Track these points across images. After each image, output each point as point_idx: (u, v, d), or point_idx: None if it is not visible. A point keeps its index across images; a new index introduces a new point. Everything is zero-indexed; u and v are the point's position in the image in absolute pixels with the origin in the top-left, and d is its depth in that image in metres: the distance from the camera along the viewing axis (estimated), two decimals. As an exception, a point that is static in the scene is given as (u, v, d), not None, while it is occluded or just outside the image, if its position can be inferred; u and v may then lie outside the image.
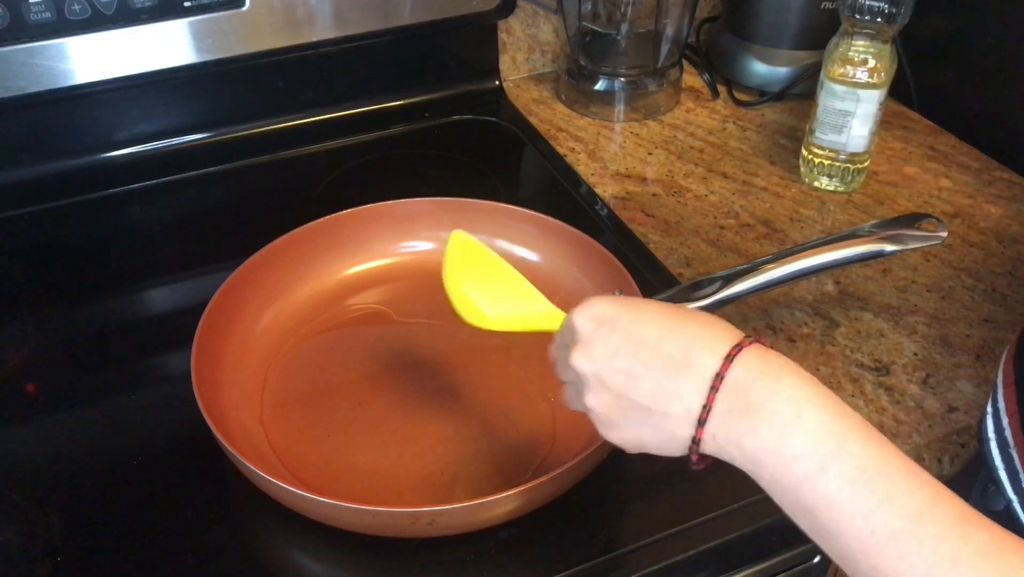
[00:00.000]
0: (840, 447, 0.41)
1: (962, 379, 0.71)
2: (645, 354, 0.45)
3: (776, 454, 0.42)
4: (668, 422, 0.45)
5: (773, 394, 0.42)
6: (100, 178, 0.91)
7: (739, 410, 0.43)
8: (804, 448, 0.41)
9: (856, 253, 0.68)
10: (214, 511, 0.61)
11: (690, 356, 0.44)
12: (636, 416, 0.46)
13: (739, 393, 0.43)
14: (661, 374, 0.45)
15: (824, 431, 0.41)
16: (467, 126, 1.02)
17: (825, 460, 0.41)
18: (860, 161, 0.88)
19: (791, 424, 0.42)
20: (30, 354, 0.75)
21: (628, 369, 0.46)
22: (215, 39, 0.85)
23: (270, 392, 0.68)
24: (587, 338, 0.48)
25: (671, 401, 0.45)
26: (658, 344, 0.45)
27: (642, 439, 0.47)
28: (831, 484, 0.40)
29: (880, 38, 0.82)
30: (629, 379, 0.46)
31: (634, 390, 0.46)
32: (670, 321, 0.46)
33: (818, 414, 0.42)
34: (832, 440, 0.41)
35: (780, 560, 0.65)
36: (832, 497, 0.40)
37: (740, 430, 0.43)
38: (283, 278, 0.74)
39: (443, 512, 0.54)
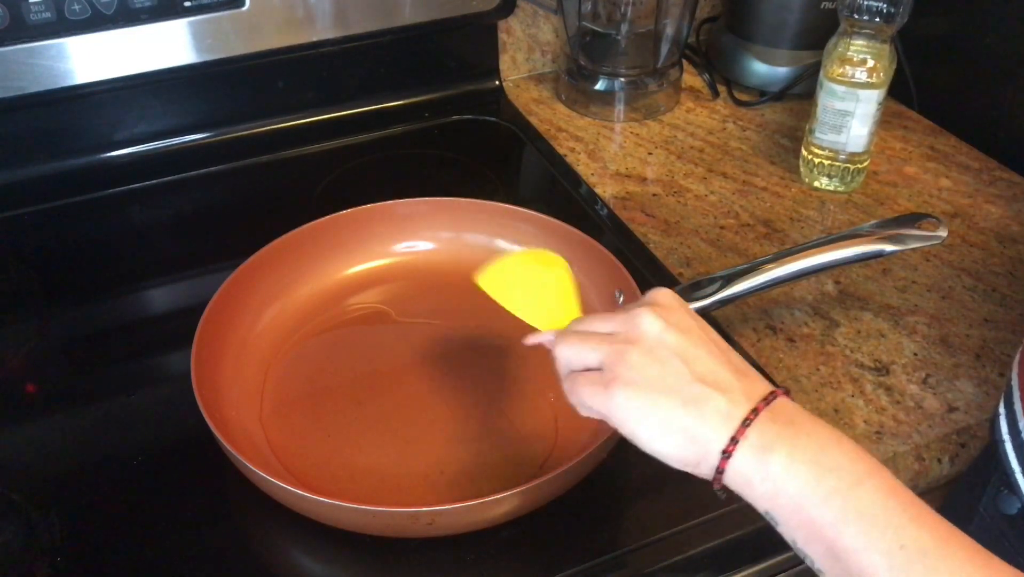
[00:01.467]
0: (875, 469, 0.42)
1: (962, 379, 0.71)
2: (712, 347, 0.46)
3: (812, 464, 0.43)
4: (706, 406, 0.44)
5: (814, 421, 0.45)
6: (100, 178, 0.91)
7: (781, 422, 0.44)
8: (842, 463, 0.43)
9: (856, 253, 0.68)
10: (214, 511, 0.61)
11: (748, 372, 0.46)
12: (675, 382, 0.45)
13: (782, 413, 0.44)
14: (721, 367, 0.46)
15: (859, 456, 0.43)
16: (467, 126, 1.02)
17: (861, 477, 0.42)
18: (860, 161, 0.88)
19: (830, 443, 0.43)
20: (30, 354, 0.75)
21: (691, 347, 0.46)
22: (215, 39, 0.85)
23: (270, 392, 0.68)
24: (668, 307, 0.48)
25: (719, 390, 0.44)
26: (726, 351, 0.47)
27: (658, 410, 0.45)
28: (863, 498, 0.41)
29: (879, 38, 0.82)
30: (690, 352, 0.46)
31: (691, 362, 0.45)
32: (733, 358, 0.48)
33: (854, 447, 0.43)
34: (867, 463, 0.43)
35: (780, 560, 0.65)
36: (862, 510, 0.41)
37: (778, 438, 0.43)
38: (283, 278, 0.74)
39: (443, 512, 0.54)
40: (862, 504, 0.41)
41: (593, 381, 0.47)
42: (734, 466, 0.43)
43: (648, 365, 0.45)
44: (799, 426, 0.43)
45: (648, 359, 0.46)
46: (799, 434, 0.43)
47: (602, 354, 0.47)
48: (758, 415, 0.44)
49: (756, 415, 0.44)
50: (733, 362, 0.47)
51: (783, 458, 0.42)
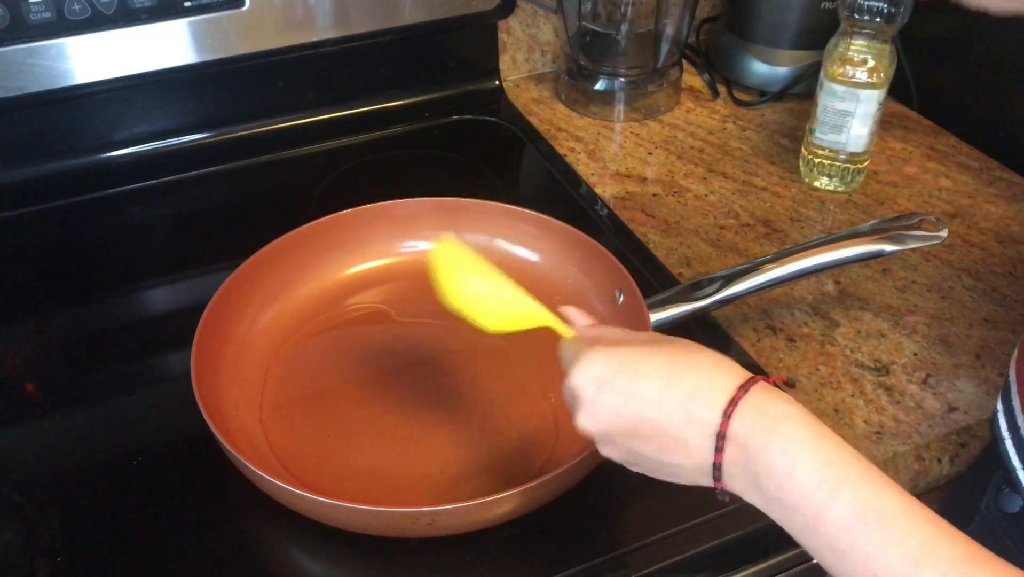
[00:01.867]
0: (833, 496, 0.41)
1: (962, 379, 0.71)
2: (648, 413, 0.46)
3: (778, 504, 0.43)
4: (683, 472, 0.47)
5: (768, 447, 0.43)
6: (100, 178, 0.91)
7: (742, 464, 0.44)
8: (800, 500, 0.42)
9: (856, 253, 0.68)
10: (214, 511, 0.61)
11: (691, 412, 0.45)
12: (650, 466, 0.48)
13: (740, 447, 0.44)
14: (666, 433, 0.46)
15: (816, 481, 0.42)
16: (467, 126, 1.02)
17: (820, 510, 0.41)
18: (860, 161, 0.88)
19: (786, 477, 0.42)
20: (30, 354, 0.75)
21: (634, 429, 0.47)
22: (215, 39, 0.85)
23: (270, 392, 0.68)
24: (589, 401, 0.48)
25: (680, 456, 0.46)
26: (658, 402, 0.46)
27: (664, 477, 0.48)
28: (829, 531, 0.41)
29: (879, 38, 0.82)
30: (636, 438, 0.47)
31: (643, 447, 0.47)
32: (667, 375, 0.46)
33: (811, 464, 0.42)
34: (825, 489, 0.41)
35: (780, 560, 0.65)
36: (832, 544, 0.41)
37: (746, 484, 0.44)
38: (283, 278, 0.74)
39: (443, 512, 0.54)
40: (830, 538, 0.41)
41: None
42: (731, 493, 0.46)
43: (624, 458, 0.49)
44: (754, 459, 0.44)
45: (618, 453, 0.49)
46: (759, 476, 0.44)
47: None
48: (721, 468, 0.45)
49: (719, 469, 0.45)
50: (672, 412, 0.46)
51: (756, 500, 0.44)
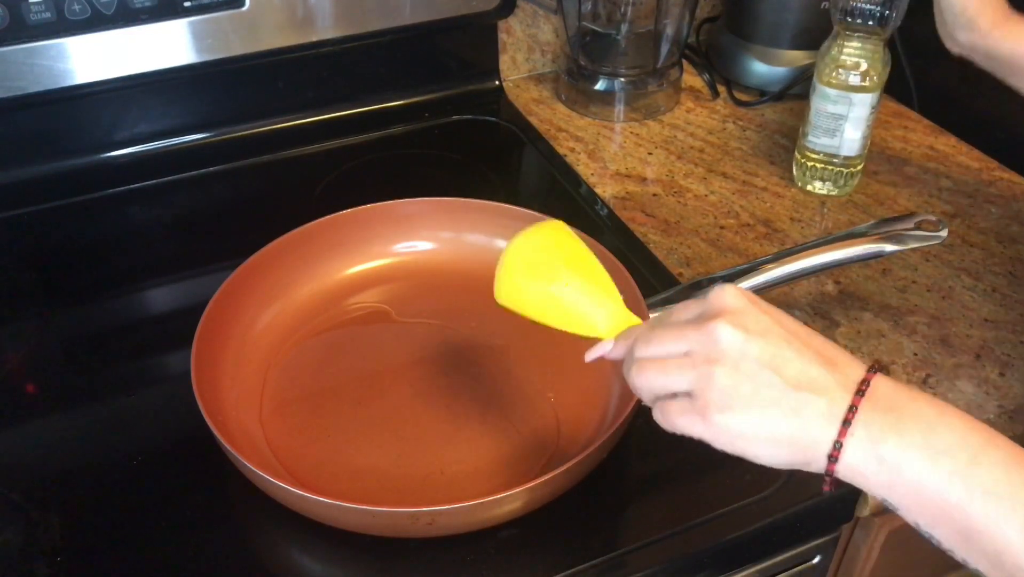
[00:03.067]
0: (988, 441, 0.41)
1: (962, 379, 0.71)
2: (797, 343, 0.44)
3: (924, 448, 0.41)
4: (806, 411, 0.43)
5: (915, 399, 0.43)
6: (100, 178, 0.91)
7: (883, 410, 0.42)
8: (953, 441, 0.41)
9: (856, 253, 0.68)
10: (214, 511, 0.61)
11: (837, 358, 0.44)
12: (770, 394, 0.44)
13: (881, 399, 0.43)
14: (812, 364, 0.44)
15: (969, 428, 0.42)
16: (467, 126, 1.02)
17: (976, 452, 0.41)
18: (853, 165, 0.88)
19: (937, 420, 0.42)
20: (30, 354, 0.75)
21: (777, 350, 0.44)
22: (215, 39, 0.85)
23: (270, 392, 0.68)
24: (740, 311, 0.45)
25: (816, 392, 0.43)
26: (808, 339, 0.45)
27: (763, 428, 0.44)
28: (984, 476, 0.40)
29: (873, 41, 0.82)
30: (777, 358, 0.44)
31: (780, 369, 0.44)
32: (800, 327, 0.46)
33: (960, 417, 0.42)
34: (980, 435, 0.41)
35: (780, 560, 0.65)
36: (988, 488, 0.40)
37: (884, 428, 0.42)
38: (283, 278, 0.74)
39: (443, 512, 0.54)
40: (984, 482, 0.40)
41: (686, 410, 0.46)
42: (843, 464, 0.43)
43: (739, 384, 0.44)
44: (901, 409, 0.43)
45: (737, 377, 0.44)
46: (903, 419, 0.42)
47: (687, 381, 0.45)
48: (856, 411, 0.42)
49: (855, 412, 0.42)
50: (821, 352, 0.45)
51: (893, 448, 0.42)
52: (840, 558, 0.74)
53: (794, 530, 0.63)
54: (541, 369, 0.69)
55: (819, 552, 0.67)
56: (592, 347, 0.54)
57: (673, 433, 0.47)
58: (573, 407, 0.66)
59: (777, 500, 0.61)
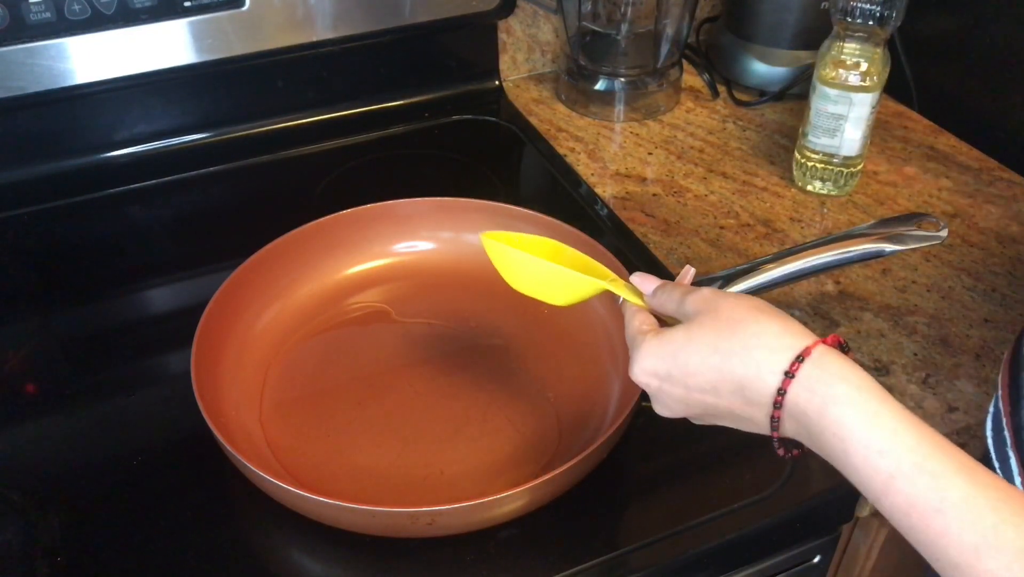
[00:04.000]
0: (887, 486, 0.41)
1: (962, 379, 0.71)
2: (710, 400, 0.49)
3: (845, 474, 0.44)
4: (749, 425, 0.49)
5: (822, 432, 0.44)
6: (100, 178, 0.91)
7: (804, 436, 0.46)
8: (858, 480, 0.43)
9: (856, 253, 0.68)
10: (214, 511, 0.61)
11: (747, 397, 0.47)
12: (727, 425, 0.50)
13: (798, 424, 0.45)
14: (732, 412, 0.48)
15: (871, 470, 0.42)
16: (467, 126, 1.02)
17: (877, 495, 0.42)
18: (853, 165, 0.88)
19: (842, 460, 0.43)
20: (30, 354, 0.75)
21: (702, 412, 0.50)
22: (215, 39, 0.85)
23: (270, 392, 0.68)
24: (655, 393, 0.51)
25: (752, 425, 0.49)
26: (716, 391, 0.48)
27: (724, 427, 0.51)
28: (888, 512, 0.42)
29: (872, 41, 0.81)
30: (710, 417, 0.50)
31: (718, 421, 0.50)
32: (716, 366, 0.47)
33: (863, 452, 0.42)
34: (879, 479, 0.42)
35: (780, 560, 0.65)
36: (895, 522, 0.42)
37: (813, 448, 0.46)
38: (283, 278, 0.74)
39: (443, 512, 0.54)
40: (893, 516, 0.42)
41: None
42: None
43: (697, 420, 0.52)
44: (815, 442, 0.45)
45: (694, 420, 0.52)
46: (820, 448, 0.45)
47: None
48: (777, 432, 0.47)
49: (777, 432, 0.47)
50: (733, 402, 0.48)
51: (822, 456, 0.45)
52: (840, 558, 0.74)
53: (794, 530, 0.63)
54: (541, 369, 0.69)
55: (819, 552, 0.67)
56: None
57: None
58: (573, 407, 0.66)
59: (777, 500, 0.61)
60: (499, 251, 0.59)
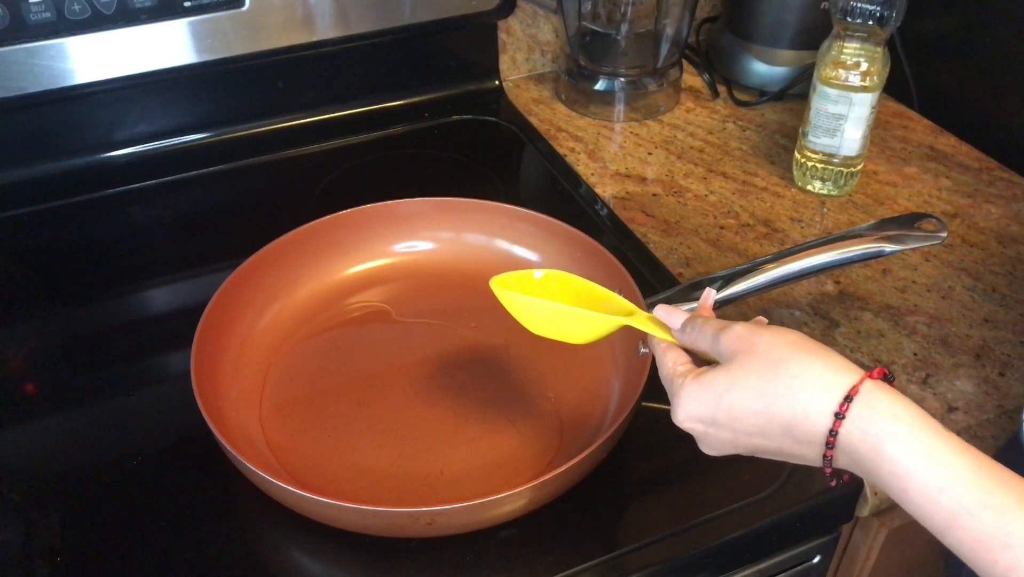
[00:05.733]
0: (950, 524, 0.41)
1: (962, 379, 0.71)
2: (758, 442, 0.48)
3: (903, 507, 0.43)
4: (807, 463, 0.48)
5: (878, 470, 0.43)
6: (100, 178, 0.91)
7: (860, 471, 0.45)
8: (920, 516, 0.42)
9: (856, 253, 0.68)
10: (214, 511, 0.61)
11: (796, 437, 0.46)
12: (778, 460, 0.49)
13: (852, 461, 0.45)
14: (782, 452, 0.48)
15: (931, 508, 0.42)
16: (467, 126, 1.02)
17: (939, 531, 0.42)
18: (853, 165, 0.88)
19: (901, 498, 0.43)
20: (30, 354, 0.75)
21: (752, 451, 0.49)
22: (215, 39, 0.85)
23: (270, 392, 0.68)
24: (702, 436, 0.50)
25: (803, 460, 0.48)
26: (764, 433, 0.47)
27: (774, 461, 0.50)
28: (954, 546, 0.41)
29: (872, 40, 0.81)
30: (757, 452, 0.49)
31: (766, 455, 0.49)
32: (763, 408, 0.47)
33: (923, 491, 0.42)
34: (941, 517, 0.41)
35: (780, 560, 0.65)
36: (959, 554, 0.41)
37: (866, 479, 0.46)
38: (283, 278, 0.74)
39: (443, 512, 0.54)
40: (967, 539, 0.41)
41: None
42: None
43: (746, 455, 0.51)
44: (871, 476, 0.44)
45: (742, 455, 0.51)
46: (876, 482, 0.44)
47: None
48: (832, 462, 0.45)
49: (832, 463, 0.46)
50: (783, 444, 0.47)
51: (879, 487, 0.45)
52: (840, 558, 0.74)
53: (794, 530, 0.63)
54: (541, 369, 0.69)
55: (819, 552, 0.67)
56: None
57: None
58: (573, 407, 0.66)
59: (777, 500, 0.61)
60: (511, 299, 0.57)
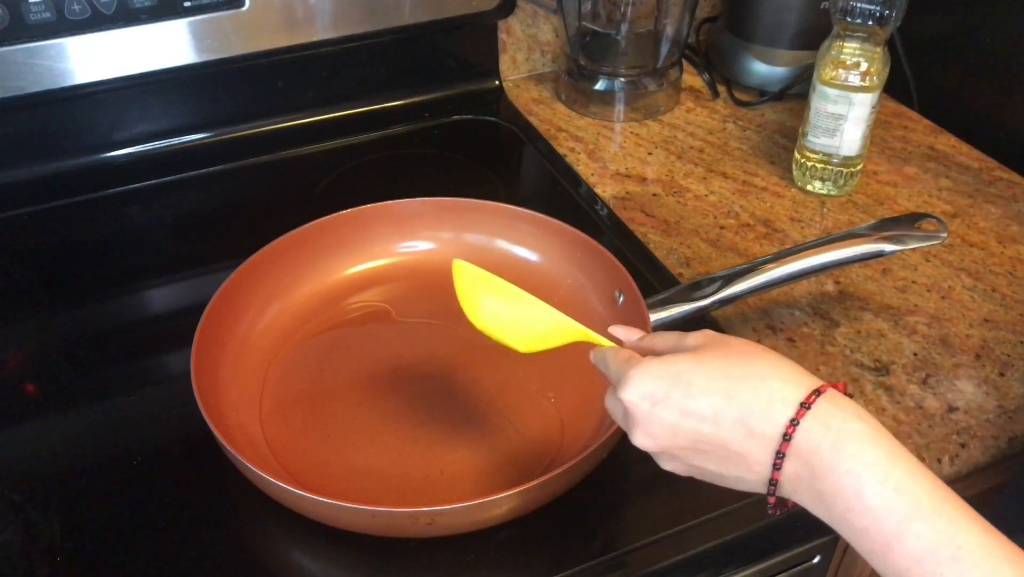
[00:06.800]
0: (904, 526, 0.40)
1: (962, 379, 0.71)
2: (706, 429, 0.45)
3: (846, 524, 0.42)
4: (746, 484, 0.46)
5: (835, 467, 0.42)
6: (100, 178, 0.91)
7: (807, 480, 0.43)
8: (869, 524, 0.41)
9: (856, 253, 0.68)
10: (214, 511, 0.61)
11: (750, 428, 0.44)
12: (713, 478, 0.47)
13: (805, 464, 0.43)
14: (727, 448, 0.45)
15: (886, 509, 0.40)
16: (467, 126, 1.02)
17: (890, 539, 0.40)
18: (853, 165, 0.88)
19: (854, 500, 0.41)
20: (30, 354, 0.75)
21: (692, 444, 0.46)
22: (215, 39, 0.85)
23: (270, 392, 0.68)
24: (644, 419, 0.46)
25: (742, 470, 0.45)
26: (716, 418, 0.44)
27: (728, 486, 0.48)
28: (898, 561, 0.40)
29: (872, 40, 0.81)
30: (695, 454, 0.46)
31: (703, 461, 0.46)
32: (724, 389, 0.44)
33: (880, 490, 0.41)
34: (895, 518, 0.40)
35: (780, 560, 0.65)
36: (901, 573, 0.40)
37: (812, 500, 0.43)
38: (283, 278, 0.74)
39: (443, 512, 0.54)
40: (899, 568, 0.40)
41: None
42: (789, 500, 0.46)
43: (676, 466, 0.48)
44: (822, 482, 0.42)
45: (672, 464, 0.48)
46: (825, 495, 0.42)
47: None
48: (777, 484, 0.44)
49: (775, 485, 0.44)
50: (734, 431, 0.44)
51: (818, 513, 0.44)
52: (840, 558, 0.74)
53: (794, 530, 0.63)
54: (541, 369, 0.69)
55: (819, 552, 0.67)
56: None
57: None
58: (574, 408, 0.66)
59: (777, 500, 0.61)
60: (471, 276, 0.55)
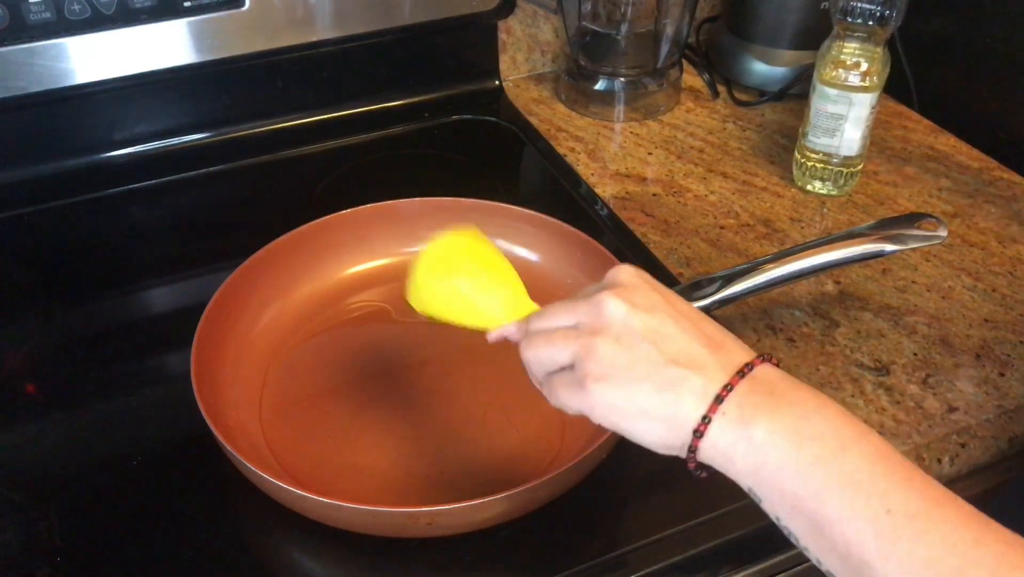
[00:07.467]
0: (861, 435, 0.41)
1: (962, 379, 0.71)
2: (684, 322, 0.45)
3: (794, 433, 0.41)
4: (680, 387, 0.43)
5: (797, 388, 0.43)
6: (100, 178, 0.91)
7: (761, 394, 0.42)
8: (825, 430, 0.41)
9: (856, 253, 0.68)
10: (214, 511, 0.61)
11: (725, 343, 0.45)
12: (646, 368, 0.44)
13: (762, 383, 0.43)
14: (694, 342, 0.44)
15: (845, 421, 0.42)
16: (467, 126, 1.02)
17: (846, 443, 0.40)
18: (853, 165, 0.88)
19: (814, 410, 0.42)
20: (30, 354, 0.75)
21: (659, 327, 0.44)
22: (215, 39, 0.85)
23: (270, 392, 0.68)
24: (631, 287, 0.46)
25: (693, 369, 0.43)
26: (699, 321, 0.46)
27: (636, 400, 0.44)
28: (847, 466, 0.40)
29: (872, 40, 0.81)
30: (658, 333, 0.44)
31: (661, 344, 0.44)
32: (700, 316, 0.46)
33: (839, 411, 0.42)
34: (854, 428, 0.41)
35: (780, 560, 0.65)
36: (847, 479, 0.39)
37: (757, 410, 0.42)
38: (283, 278, 0.74)
39: (443, 512, 0.54)
40: (845, 471, 0.40)
41: (568, 382, 0.46)
42: (710, 443, 0.42)
43: (618, 354, 0.44)
44: (780, 396, 0.42)
45: (617, 348, 0.44)
46: (780, 404, 0.42)
47: (570, 352, 0.46)
48: (732, 389, 0.42)
49: (730, 390, 0.42)
50: (708, 334, 0.45)
51: (762, 430, 0.41)
52: (840, 558, 0.74)
53: (794, 530, 0.63)
54: (541, 369, 0.69)
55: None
56: None
57: (560, 410, 0.48)
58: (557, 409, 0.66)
59: (777, 500, 0.61)
60: (453, 242, 0.56)
